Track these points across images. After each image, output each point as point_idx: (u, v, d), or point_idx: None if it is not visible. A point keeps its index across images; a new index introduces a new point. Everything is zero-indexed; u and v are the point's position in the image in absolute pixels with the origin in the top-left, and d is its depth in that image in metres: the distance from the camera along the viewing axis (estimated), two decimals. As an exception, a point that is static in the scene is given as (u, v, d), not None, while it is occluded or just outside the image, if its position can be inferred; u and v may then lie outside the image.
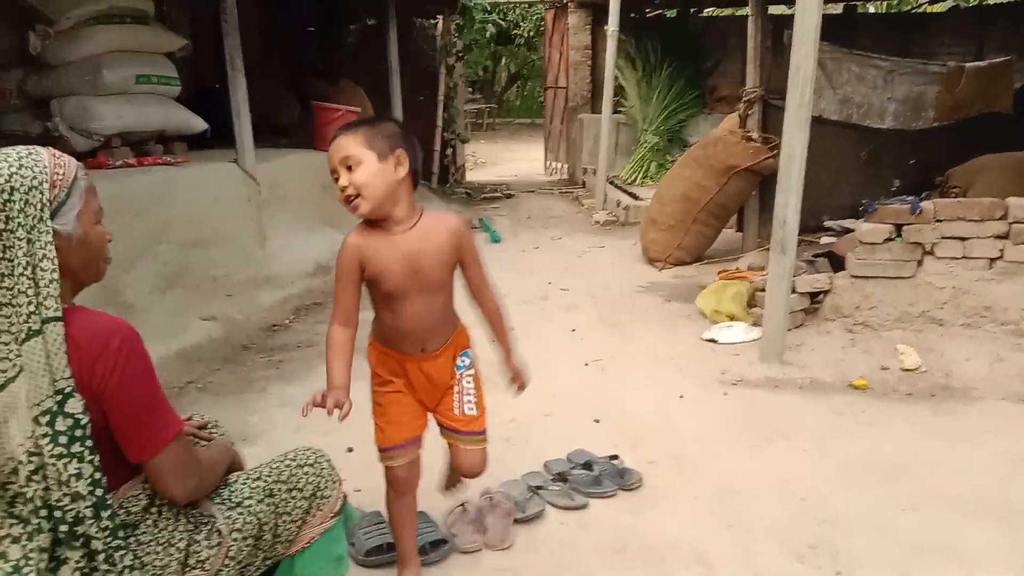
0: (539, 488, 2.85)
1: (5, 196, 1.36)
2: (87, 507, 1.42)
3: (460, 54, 11.48)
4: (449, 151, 11.45)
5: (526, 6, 17.59)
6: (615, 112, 9.71)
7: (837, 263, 4.83)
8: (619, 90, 10.05)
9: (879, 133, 6.15)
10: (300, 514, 1.77)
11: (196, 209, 5.11)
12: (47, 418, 1.37)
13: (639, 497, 2.86)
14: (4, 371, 1.37)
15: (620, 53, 9.55)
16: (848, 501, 2.79)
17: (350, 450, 3.17)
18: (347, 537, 1.96)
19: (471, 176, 13.47)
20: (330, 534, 1.84)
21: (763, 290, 4.48)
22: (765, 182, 6.14)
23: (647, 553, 2.49)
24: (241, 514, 1.67)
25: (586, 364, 4.25)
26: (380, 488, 2.74)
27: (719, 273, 5.45)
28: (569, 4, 12.15)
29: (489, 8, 12.76)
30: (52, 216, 1.41)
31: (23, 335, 1.37)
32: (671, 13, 12.16)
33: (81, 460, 1.40)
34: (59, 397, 1.38)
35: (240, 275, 5.30)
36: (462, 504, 2.69)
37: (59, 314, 1.39)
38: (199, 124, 5.99)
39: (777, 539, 2.56)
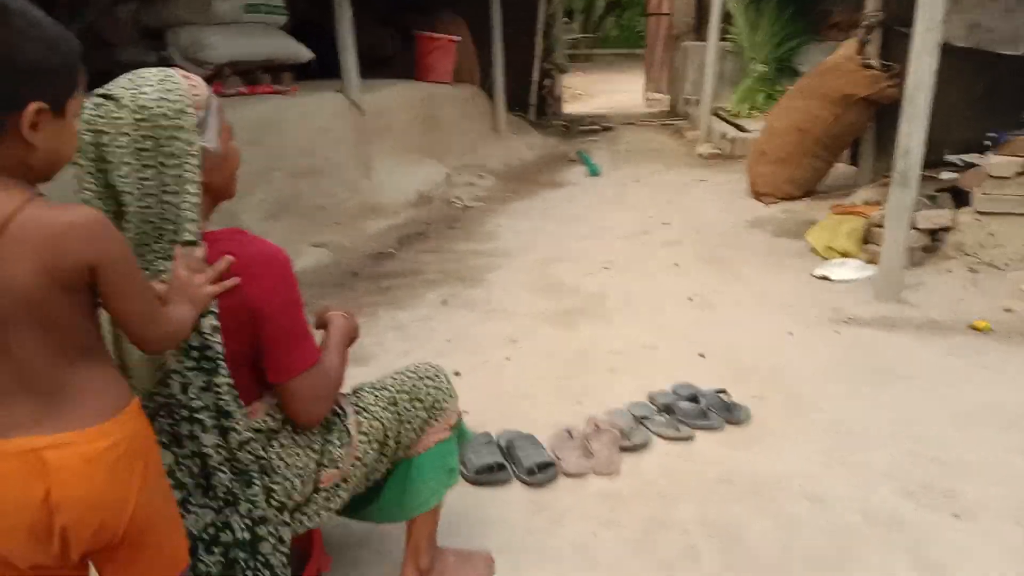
0: (644, 418, 2.86)
1: (158, 119, 1.38)
2: (217, 416, 1.49)
3: (560, -19, 11.23)
4: (547, 82, 11.29)
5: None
6: (721, 40, 9.33)
7: (960, 199, 4.59)
8: (726, 16, 9.63)
9: (1008, 61, 5.72)
10: (420, 423, 1.86)
11: (305, 138, 5.23)
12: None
13: (746, 432, 2.83)
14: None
15: (729, -24, 9.15)
16: (965, 444, 2.70)
17: (457, 374, 3.25)
18: (460, 454, 2.03)
19: (568, 108, 13.28)
20: (445, 445, 1.93)
21: (880, 226, 4.31)
22: (883, 113, 5.83)
23: (756, 486, 2.48)
24: (367, 418, 1.77)
25: (690, 299, 4.20)
26: (488, 410, 2.82)
27: (832, 208, 5.25)
28: (675, -74, 11.65)
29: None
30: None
31: (167, 254, 1.43)
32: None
33: (211, 374, 1.46)
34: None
35: (347, 204, 5.43)
36: (568, 430, 2.73)
37: (197, 238, 1.44)
38: (305, 53, 6.08)
39: (889, 478, 2.51)
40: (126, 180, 1.38)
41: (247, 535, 1.54)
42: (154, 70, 1.44)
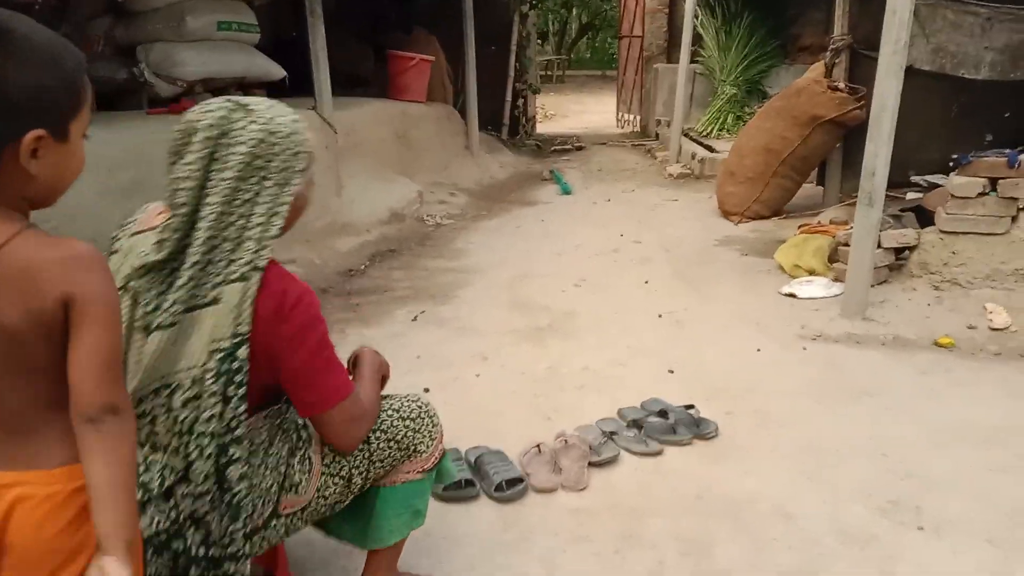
0: (613, 434, 2.86)
1: (282, 143, 1.46)
2: (218, 444, 1.46)
3: (534, 2, 11.31)
4: (520, 102, 11.35)
5: (601, -46, 17.20)
6: (692, 62, 9.46)
7: (924, 218, 4.66)
8: (696, 39, 9.77)
9: (972, 84, 5.85)
10: (392, 462, 1.80)
11: (276, 155, 5.20)
12: (219, 356, 1.42)
13: (715, 447, 2.84)
14: (204, 295, 1.42)
15: (699, 0, 9.28)
16: (933, 460, 2.72)
17: (426, 390, 3.23)
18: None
19: (541, 128, 13.36)
20: (415, 485, 1.87)
21: (846, 244, 4.36)
22: (849, 135, 5.93)
23: (725, 502, 2.48)
24: (336, 459, 1.72)
25: (660, 316, 4.21)
26: (457, 426, 2.79)
27: (800, 227, 5.32)
28: (647, -50, 11.82)
29: (564, -45, 12.50)
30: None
31: (234, 276, 1.42)
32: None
33: (226, 403, 1.44)
34: (236, 340, 1.42)
35: (318, 222, 5.39)
36: (537, 445, 2.72)
37: (264, 265, 1.44)
38: (278, 71, 6.06)
39: (859, 494, 2.52)
40: (221, 184, 1.41)
41: (203, 552, 1.50)
42: (279, 104, 1.52)
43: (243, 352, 1.42)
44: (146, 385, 1.43)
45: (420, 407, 1.86)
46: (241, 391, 1.44)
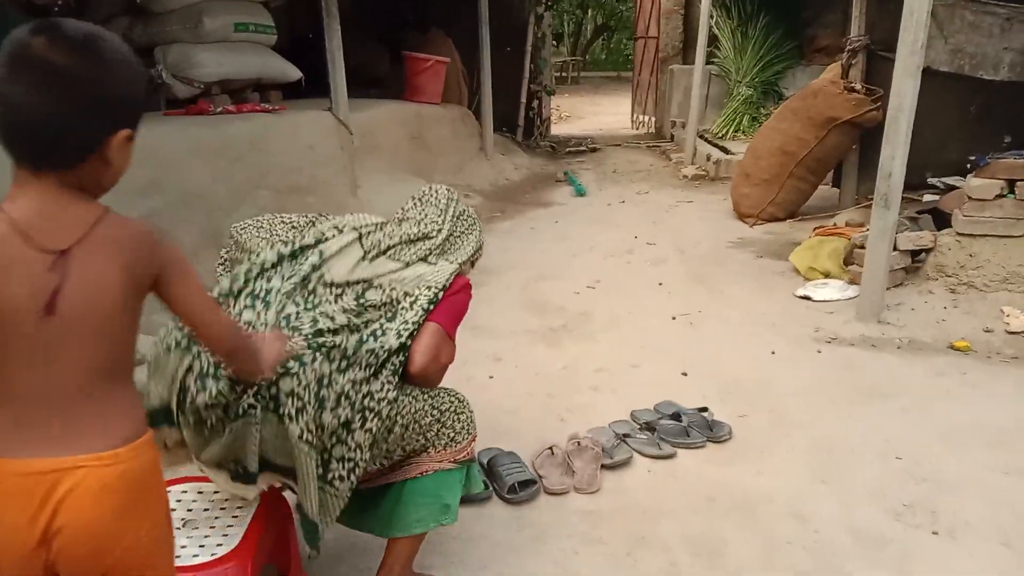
0: (626, 436, 2.86)
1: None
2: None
3: (549, 3, 11.31)
4: (535, 103, 11.35)
5: (616, -45, 17.18)
6: (707, 63, 9.43)
7: (941, 221, 4.63)
8: (712, 40, 9.74)
9: (990, 85, 5.81)
10: (425, 439, 1.89)
11: (292, 156, 5.22)
12: (433, 289, 1.92)
13: (729, 450, 2.83)
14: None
15: (715, 1, 9.25)
16: (949, 463, 2.71)
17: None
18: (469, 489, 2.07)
19: (555, 129, 13.35)
20: (445, 476, 1.92)
21: (862, 247, 4.34)
22: (866, 136, 5.90)
23: (739, 504, 2.48)
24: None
25: (674, 318, 4.21)
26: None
27: (815, 229, 5.30)
28: (662, -49, 11.80)
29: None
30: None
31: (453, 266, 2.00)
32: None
33: (406, 321, 1.87)
34: (440, 289, 1.92)
35: (333, 222, 5.42)
36: (550, 447, 2.73)
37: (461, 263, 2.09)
38: (294, 73, 6.09)
39: (874, 496, 2.51)
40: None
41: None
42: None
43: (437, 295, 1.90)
44: (350, 283, 1.85)
45: (463, 400, 2.01)
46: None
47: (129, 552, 1.20)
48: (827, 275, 4.61)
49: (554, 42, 17.61)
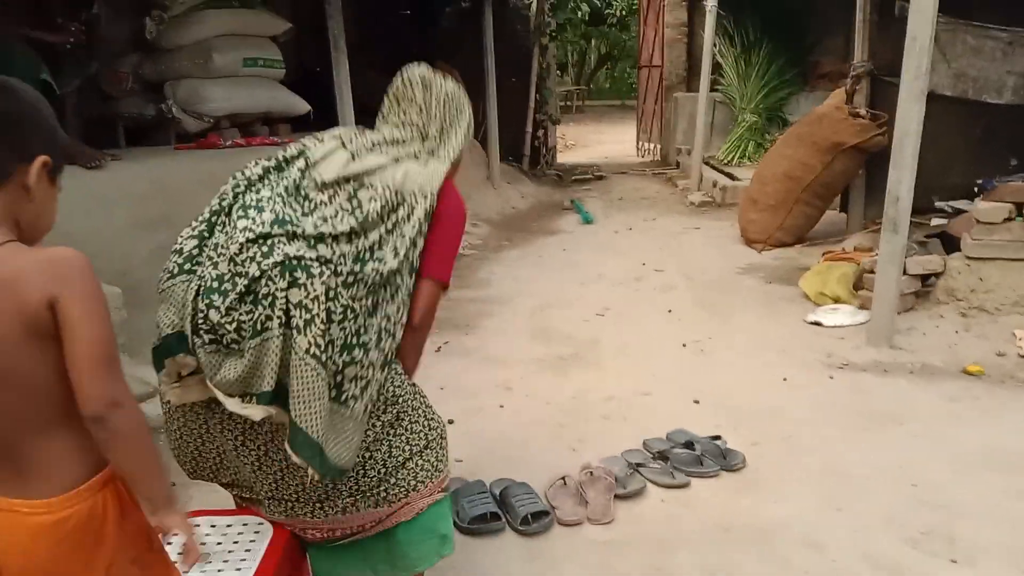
0: (639, 465, 2.84)
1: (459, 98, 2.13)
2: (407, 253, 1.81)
3: (553, 34, 11.43)
4: (540, 132, 11.42)
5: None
6: (712, 90, 9.49)
7: (950, 244, 4.62)
8: (716, 68, 9.81)
9: (994, 109, 5.82)
10: (408, 453, 1.81)
11: (300, 188, 5.27)
12: (429, 197, 1.84)
13: (743, 478, 2.81)
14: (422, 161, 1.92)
15: (718, 29, 9.32)
16: (964, 489, 2.68)
17: (451, 421, 3.22)
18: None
19: (561, 158, 13.41)
20: (438, 509, 1.88)
21: (871, 272, 4.33)
22: (872, 161, 5.91)
23: (754, 533, 2.46)
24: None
25: (684, 345, 4.20)
26: (482, 458, 2.79)
27: (824, 254, 5.29)
28: (665, -20, 11.93)
29: (583, -14, 12.63)
30: None
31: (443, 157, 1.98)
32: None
33: (414, 246, 1.82)
34: (434, 195, 1.86)
35: (341, 253, 5.44)
36: (563, 477, 2.71)
37: (455, 159, 2.01)
38: (302, 106, 6.16)
39: (889, 524, 2.49)
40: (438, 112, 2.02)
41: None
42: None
43: (432, 204, 1.85)
44: (344, 176, 1.78)
45: (445, 426, 1.95)
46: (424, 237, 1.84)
47: None
48: (837, 300, 4.60)
49: (558, 71, 17.76)
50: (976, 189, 4.80)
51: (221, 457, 1.80)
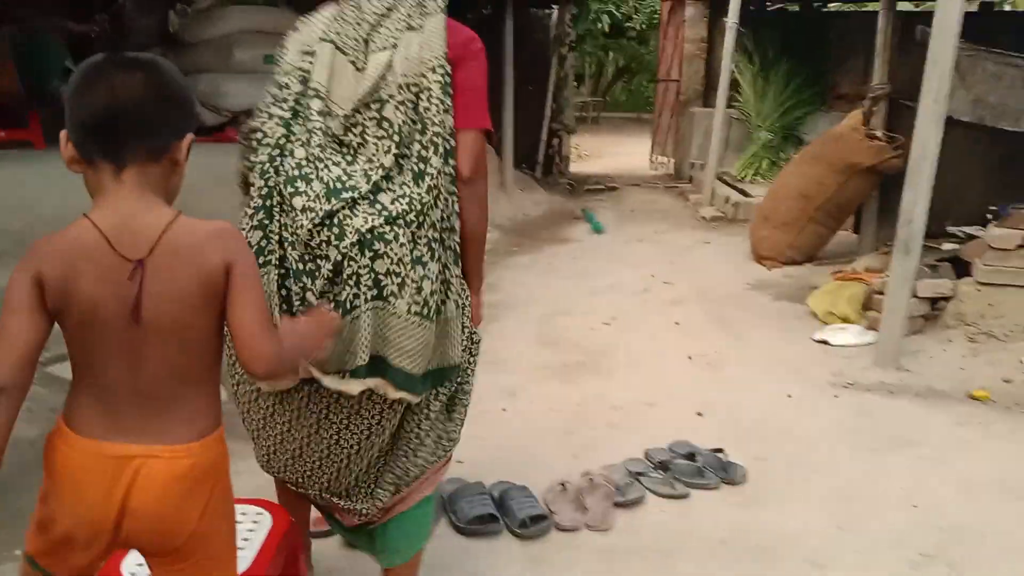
0: (640, 475, 2.84)
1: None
2: (444, 143, 1.76)
3: (573, 44, 11.45)
4: (555, 141, 11.44)
5: (640, -2, 17.40)
6: (728, 107, 9.49)
7: (961, 269, 4.60)
8: (733, 85, 9.81)
9: (1012, 137, 5.80)
10: (445, 440, 1.96)
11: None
12: (439, 68, 1.76)
13: (744, 493, 2.80)
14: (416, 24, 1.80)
15: (737, 46, 9.33)
16: (969, 513, 2.67)
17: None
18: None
19: (575, 168, 13.41)
20: (426, 504, 1.99)
21: (881, 293, 4.32)
22: (886, 183, 5.90)
23: (754, 548, 2.45)
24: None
25: (690, 358, 4.19)
26: (483, 461, 2.79)
27: (834, 274, 5.27)
28: (686, -4, 11.95)
29: (604, -1, 12.66)
30: None
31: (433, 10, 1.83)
32: (794, 7, 11.79)
33: (447, 112, 1.76)
34: (443, 59, 1.76)
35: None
36: (562, 483, 2.71)
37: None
38: (319, 104, 6.19)
39: (892, 545, 2.47)
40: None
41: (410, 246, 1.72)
42: None
43: (447, 68, 1.76)
44: (365, 104, 1.74)
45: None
46: (450, 100, 1.77)
47: (195, 539, 1.29)
48: (845, 320, 4.58)
49: (575, 82, 17.78)
50: (990, 215, 4.79)
51: (301, 446, 1.84)
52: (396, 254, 1.67)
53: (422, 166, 1.74)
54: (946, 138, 3.86)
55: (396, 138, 1.74)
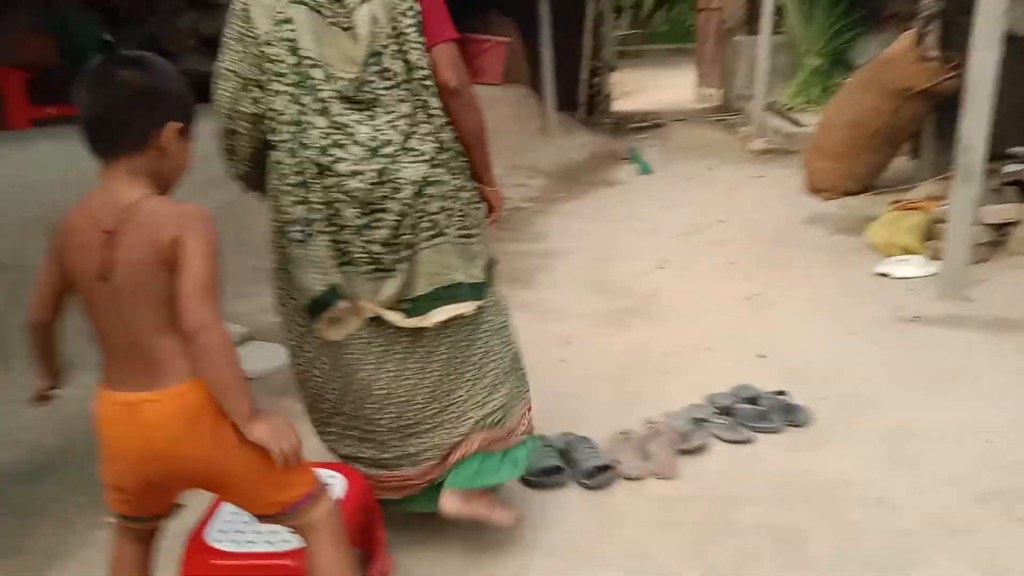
0: (703, 420, 2.84)
1: None
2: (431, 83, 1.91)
3: (610, -22, 11.16)
4: (596, 80, 11.24)
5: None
6: (774, 33, 9.18)
7: (1027, 192, 4.44)
8: (778, 9, 9.47)
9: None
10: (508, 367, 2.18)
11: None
12: (409, 12, 1.88)
13: (808, 434, 2.79)
14: None
15: (781, -31, 8.99)
16: (1037, 447, 2.62)
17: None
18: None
19: (618, 105, 13.19)
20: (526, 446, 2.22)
21: (942, 221, 4.20)
22: (944, 105, 5.67)
23: (818, 490, 2.44)
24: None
25: (747, 298, 4.14)
26: (544, 412, 2.82)
27: (893, 203, 5.13)
28: (726, -81, 11.50)
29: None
30: None
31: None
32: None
33: (421, 47, 1.90)
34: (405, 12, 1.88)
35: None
36: (625, 432, 2.73)
37: None
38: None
39: (956, 482, 2.45)
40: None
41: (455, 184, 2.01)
42: None
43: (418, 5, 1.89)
44: (367, 62, 1.85)
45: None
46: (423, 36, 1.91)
47: (215, 467, 1.46)
48: (907, 251, 4.47)
49: (614, 14, 17.34)
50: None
51: (361, 398, 2.01)
52: (443, 192, 1.92)
53: (425, 103, 1.91)
54: (1005, 56, 3.68)
55: (403, 85, 1.88)
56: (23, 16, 4.21)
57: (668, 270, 4.71)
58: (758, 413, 2.82)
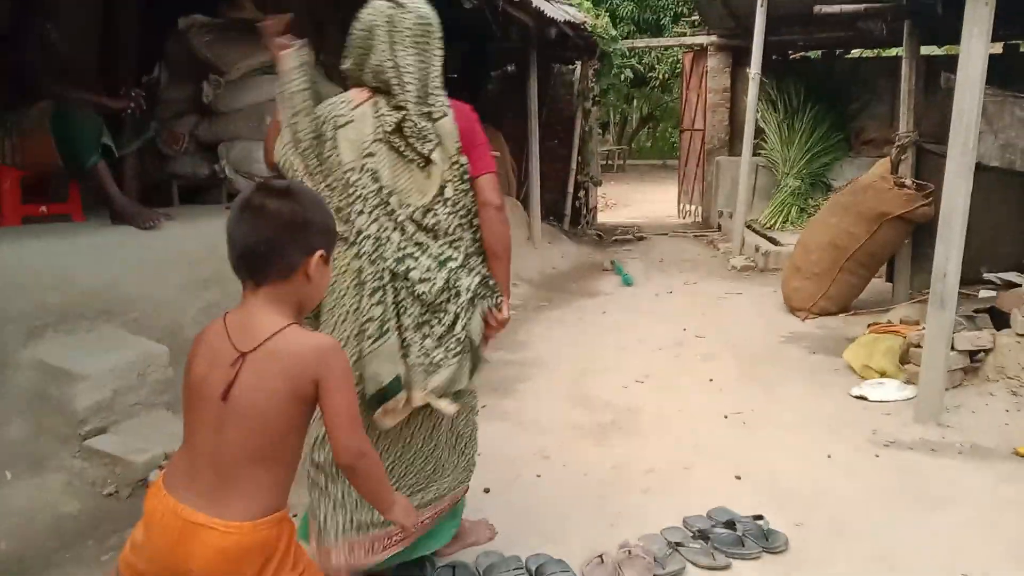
0: (679, 544, 2.79)
1: (429, 22, 2.26)
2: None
3: (596, 98, 11.60)
4: (582, 193, 11.52)
5: (662, 49, 17.58)
6: (754, 154, 9.52)
7: (999, 319, 4.53)
8: (758, 132, 9.85)
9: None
10: (465, 458, 2.60)
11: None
12: (455, 167, 2.27)
13: (786, 562, 2.74)
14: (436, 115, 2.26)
15: (761, 95, 9.39)
16: (1019, 581, 2.58)
17: (487, 491, 3.21)
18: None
19: (602, 217, 13.47)
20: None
21: (918, 345, 4.26)
22: (918, 230, 5.86)
23: (796, 622, 2.38)
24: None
25: (725, 416, 4.14)
26: (518, 531, 2.77)
27: (870, 326, 5.21)
28: (709, 47, 12.08)
29: (628, 53, 12.83)
30: None
31: (441, 113, 2.28)
32: (815, 55, 11.86)
33: (466, 193, 2.30)
34: (457, 155, 2.27)
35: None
36: (600, 555, 2.67)
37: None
38: (349, 167, 6.29)
39: (939, 617, 2.40)
40: (401, 55, 2.20)
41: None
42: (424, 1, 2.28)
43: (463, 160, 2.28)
44: (436, 194, 2.25)
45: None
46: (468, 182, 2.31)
47: None
48: (883, 374, 4.51)
49: (600, 130, 17.95)
50: (1026, 263, 4.73)
51: (405, 468, 2.34)
52: (489, 303, 2.33)
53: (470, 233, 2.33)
54: (977, 183, 3.83)
55: (461, 212, 2.26)
56: (27, 120, 4.30)
57: (648, 385, 4.71)
58: (735, 538, 2.78)
